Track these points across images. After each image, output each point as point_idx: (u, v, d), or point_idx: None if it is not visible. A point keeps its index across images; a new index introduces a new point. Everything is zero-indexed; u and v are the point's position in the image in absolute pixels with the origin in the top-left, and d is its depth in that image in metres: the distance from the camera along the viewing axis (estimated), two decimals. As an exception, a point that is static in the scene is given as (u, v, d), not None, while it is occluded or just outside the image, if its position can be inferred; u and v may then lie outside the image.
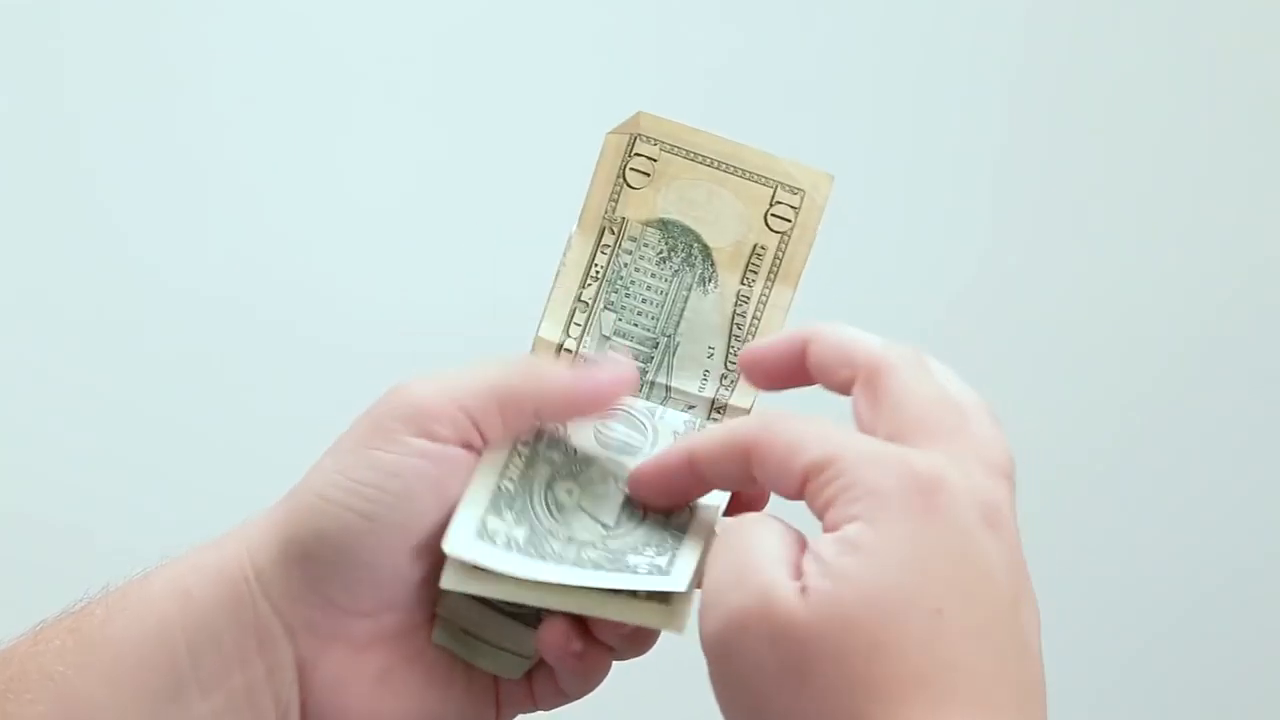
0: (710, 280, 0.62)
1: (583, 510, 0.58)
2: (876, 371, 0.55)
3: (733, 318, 0.62)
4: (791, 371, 0.58)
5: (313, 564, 0.57)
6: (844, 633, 0.49)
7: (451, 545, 0.56)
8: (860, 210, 1.45)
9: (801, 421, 0.54)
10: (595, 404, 0.59)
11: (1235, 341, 1.54)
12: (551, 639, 0.58)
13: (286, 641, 0.57)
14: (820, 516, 0.52)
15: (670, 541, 0.58)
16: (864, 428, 0.55)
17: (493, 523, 0.57)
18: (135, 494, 1.38)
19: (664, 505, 0.59)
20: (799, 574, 0.51)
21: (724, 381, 0.62)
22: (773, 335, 0.60)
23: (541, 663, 0.60)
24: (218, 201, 1.40)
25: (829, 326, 0.57)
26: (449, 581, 0.56)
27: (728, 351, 0.62)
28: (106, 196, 1.39)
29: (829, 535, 0.51)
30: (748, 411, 0.62)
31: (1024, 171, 1.51)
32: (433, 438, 0.57)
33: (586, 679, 0.60)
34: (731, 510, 0.59)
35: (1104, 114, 1.52)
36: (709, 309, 0.62)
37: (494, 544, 0.56)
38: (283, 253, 1.41)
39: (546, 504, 0.58)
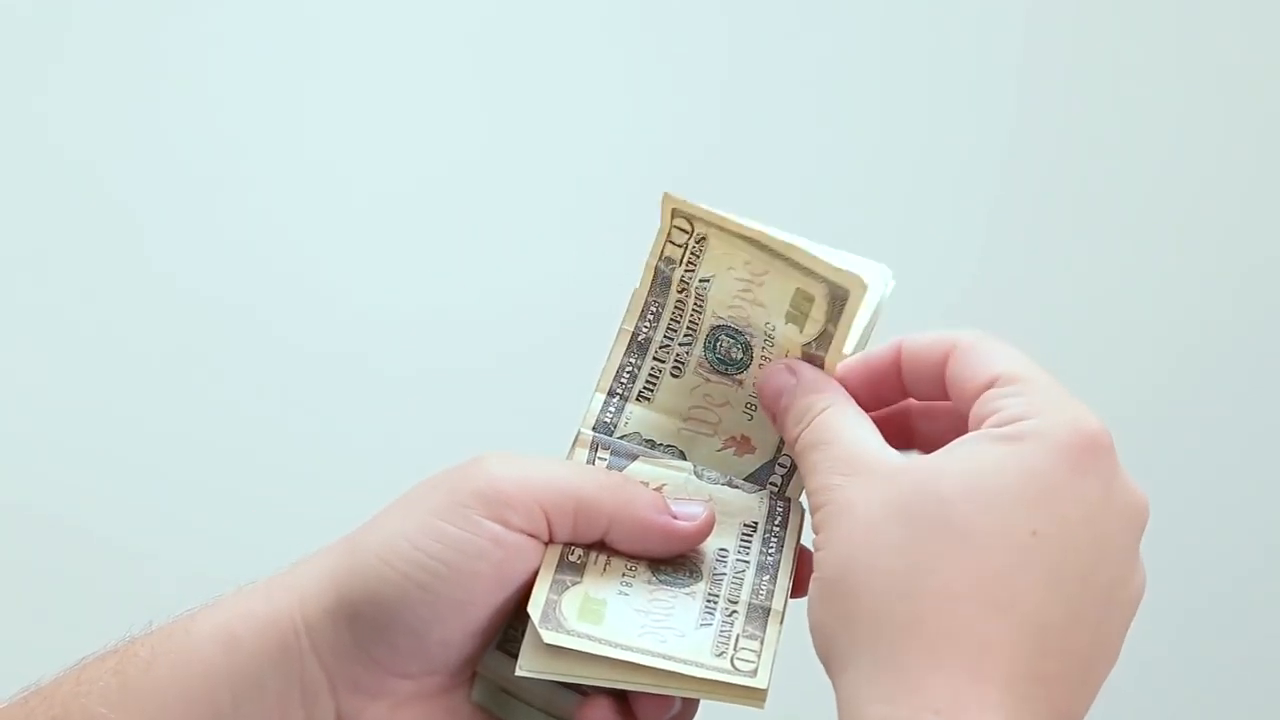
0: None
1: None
2: (1019, 376, 0.57)
3: None
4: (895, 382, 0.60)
5: (365, 625, 0.57)
6: (947, 504, 0.52)
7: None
8: (859, 216, 1.46)
9: (1004, 342, 0.57)
10: (666, 547, 0.60)
11: (1237, 344, 1.55)
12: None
13: (329, 695, 0.58)
14: (980, 421, 0.55)
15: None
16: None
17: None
18: (135, 493, 1.38)
19: (866, 401, 0.59)
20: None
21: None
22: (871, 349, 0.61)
23: None
24: (221, 203, 1.40)
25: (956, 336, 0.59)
26: (526, 668, 0.56)
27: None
28: (111, 197, 1.38)
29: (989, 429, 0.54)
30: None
31: (1022, 181, 1.52)
32: (505, 524, 0.57)
33: None
34: None
35: (1102, 120, 1.53)
36: None
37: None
38: (283, 254, 1.41)
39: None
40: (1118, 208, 1.53)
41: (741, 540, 0.60)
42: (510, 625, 0.59)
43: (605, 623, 0.57)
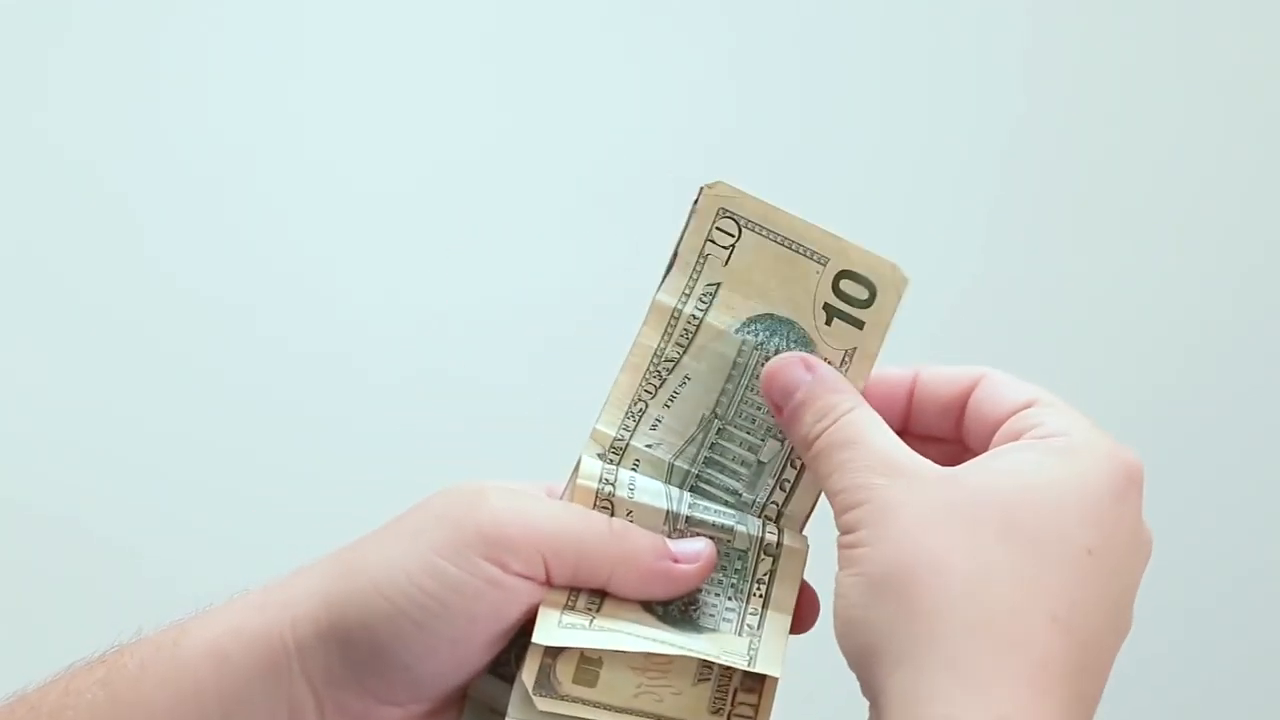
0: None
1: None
2: (1056, 402, 0.57)
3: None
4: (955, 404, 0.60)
5: (356, 653, 0.56)
6: (1009, 511, 0.52)
7: (541, 703, 0.56)
8: (858, 216, 1.45)
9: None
10: (669, 591, 0.59)
11: (1237, 344, 1.55)
12: None
13: (316, 717, 0.57)
14: (1018, 434, 0.55)
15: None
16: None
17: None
18: (135, 493, 1.38)
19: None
20: None
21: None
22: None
23: None
24: (222, 203, 1.40)
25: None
26: (515, 715, 0.56)
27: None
28: (111, 197, 1.38)
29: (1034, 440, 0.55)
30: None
31: (1024, 181, 1.51)
32: (504, 568, 0.56)
33: None
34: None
35: (1104, 120, 1.52)
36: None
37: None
38: (284, 255, 1.41)
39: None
40: (1119, 208, 1.53)
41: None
42: (503, 649, 0.59)
43: (600, 685, 0.57)
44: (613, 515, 0.59)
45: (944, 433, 0.59)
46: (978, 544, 0.52)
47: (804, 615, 0.60)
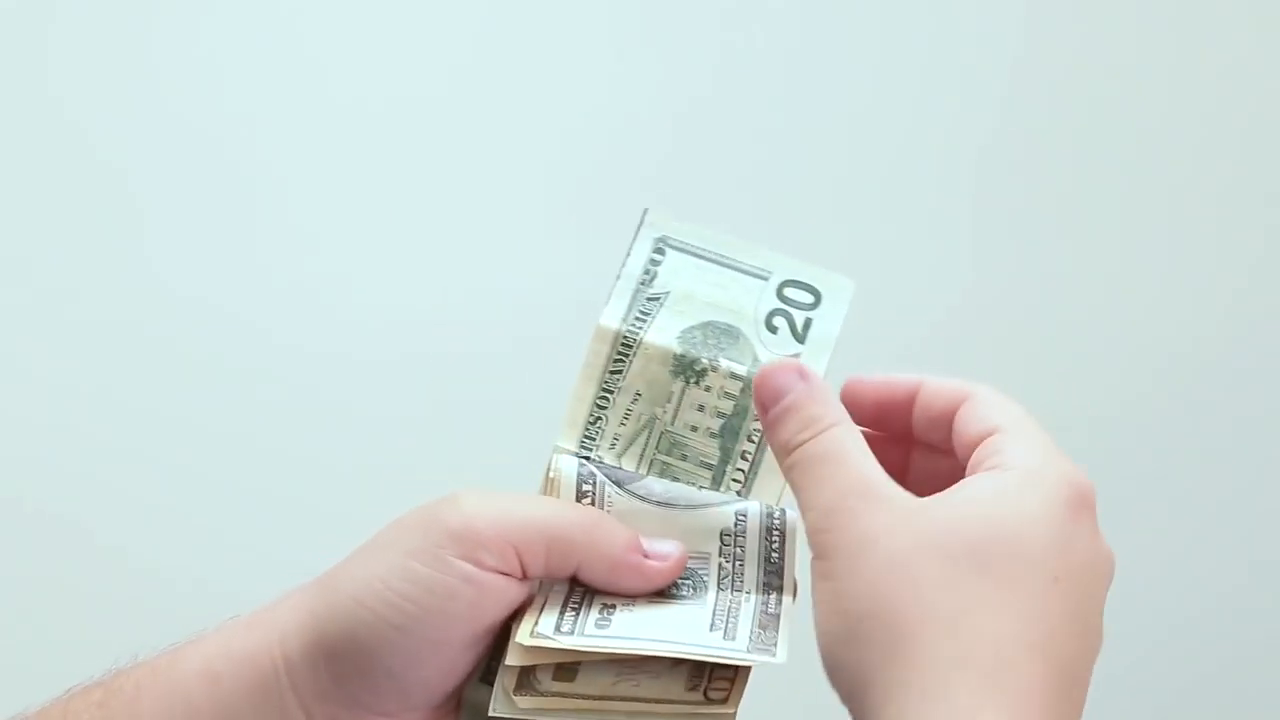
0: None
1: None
2: (1021, 430, 0.58)
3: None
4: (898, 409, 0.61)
5: (342, 665, 0.57)
6: (981, 547, 0.54)
7: (522, 701, 0.57)
8: (849, 220, 1.46)
9: (1012, 399, 0.60)
10: (636, 586, 0.60)
11: (1236, 343, 1.54)
12: None
13: None
14: (982, 464, 0.57)
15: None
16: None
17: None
18: (134, 492, 1.38)
19: (870, 422, 0.62)
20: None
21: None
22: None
23: None
24: (221, 209, 1.40)
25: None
26: (499, 710, 0.57)
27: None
28: (112, 198, 1.39)
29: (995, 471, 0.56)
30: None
31: (1011, 184, 1.51)
32: (478, 564, 0.57)
33: None
34: None
35: (1095, 123, 1.52)
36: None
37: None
38: (281, 256, 1.41)
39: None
40: (1108, 217, 1.52)
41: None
42: (492, 657, 0.59)
43: (579, 679, 0.58)
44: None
45: (942, 444, 0.61)
46: (953, 578, 0.53)
47: None
